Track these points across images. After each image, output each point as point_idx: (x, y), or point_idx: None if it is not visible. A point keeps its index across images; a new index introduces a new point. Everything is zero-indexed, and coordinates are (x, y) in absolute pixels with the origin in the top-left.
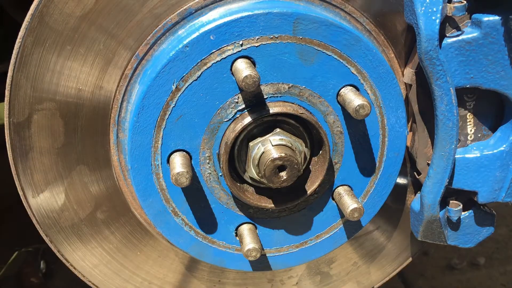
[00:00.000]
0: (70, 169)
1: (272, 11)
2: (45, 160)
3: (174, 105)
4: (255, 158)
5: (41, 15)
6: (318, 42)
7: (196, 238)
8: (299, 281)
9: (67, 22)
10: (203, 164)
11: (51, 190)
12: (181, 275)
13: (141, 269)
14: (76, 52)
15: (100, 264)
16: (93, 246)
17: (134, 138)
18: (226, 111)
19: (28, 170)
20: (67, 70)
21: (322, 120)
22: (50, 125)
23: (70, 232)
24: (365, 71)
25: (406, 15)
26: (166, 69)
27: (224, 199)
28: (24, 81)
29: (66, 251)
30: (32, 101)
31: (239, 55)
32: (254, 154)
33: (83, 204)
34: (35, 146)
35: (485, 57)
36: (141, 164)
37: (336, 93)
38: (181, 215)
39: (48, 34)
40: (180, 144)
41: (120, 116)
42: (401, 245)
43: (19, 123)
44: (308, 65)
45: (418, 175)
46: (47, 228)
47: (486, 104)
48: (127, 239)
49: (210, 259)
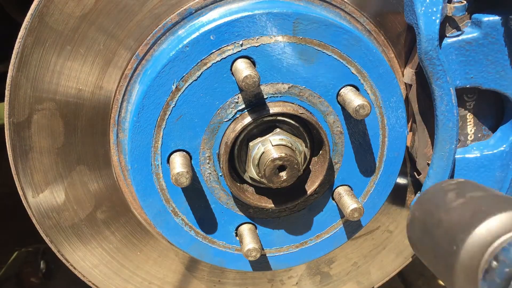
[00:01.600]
0: (70, 169)
1: (272, 11)
2: (45, 160)
3: (174, 105)
4: (255, 158)
5: (41, 15)
6: (318, 42)
7: (196, 238)
8: (299, 281)
9: (67, 22)
10: (203, 164)
11: (51, 190)
12: (181, 275)
13: (141, 269)
14: (76, 52)
15: (100, 264)
16: (93, 246)
17: (134, 138)
18: (226, 111)
19: (28, 170)
20: (67, 70)
21: (322, 120)
22: (50, 125)
23: (70, 232)
24: (365, 71)
25: (406, 15)
26: (166, 69)
27: (224, 199)
28: (24, 81)
29: (66, 251)
30: (32, 101)
31: (239, 55)
32: (254, 154)
33: (83, 204)
34: (35, 146)
35: (485, 57)
36: (141, 164)
37: (336, 93)
38: (181, 215)
39: (48, 34)
40: (180, 144)
41: (120, 116)
42: (401, 245)
43: (19, 123)
44: (308, 65)
45: (418, 175)
46: (47, 228)
47: (486, 104)
48: (127, 239)
49: (210, 259)
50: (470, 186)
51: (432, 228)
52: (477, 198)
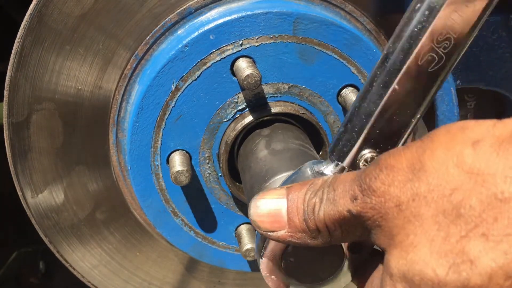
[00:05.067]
0: (69, 169)
1: (272, 11)
2: (44, 160)
3: (174, 105)
4: None
5: (40, 15)
6: (318, 42)
7: (196, 239)
8: None
9: (66, 21)
10: (202, 164)
11: (50, 190)
12: (181, 275)
13: (141, 269)
14: (75, 51)
15: (99, 264)
16: (93, 247)
17: (133, 138)
18: (226, 111)
19: (27, 170)
20: (66, 70)
21: (323, 120)
22: (49, 125)
23: (69, 232)
24: (366, 71)
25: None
26: (165, 69)
27: (224, 199)
28: (23, 81)
29: (65, 251)
30: (31, 101)
31: (238, 54)
32: None
33: (82, 204)
34: (34, 146)
35: (487, 57)
36: (140, 164)
37: (337, 93)
38: (181, 216)
39: (47, 34)
40: (180, 144)
41: (119, 116)
42: None
43: (18, 123)
44: (308, 64)
45: None
46: (46, 228)
47: (486, 104)
48: (126, 240)
49: (209, 259)
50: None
51: (245, 170)
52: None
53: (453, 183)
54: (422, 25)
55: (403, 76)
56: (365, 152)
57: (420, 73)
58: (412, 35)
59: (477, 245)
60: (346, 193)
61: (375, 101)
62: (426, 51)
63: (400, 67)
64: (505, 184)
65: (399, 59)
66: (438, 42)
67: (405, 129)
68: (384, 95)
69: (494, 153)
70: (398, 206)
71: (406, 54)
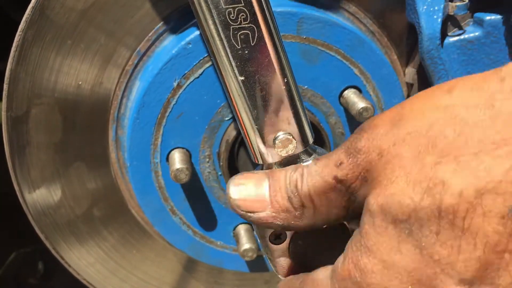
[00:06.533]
0: (68, 165)
1: (276, 10)
2: (42, 155)
3: (175, 102)
4: None
5: (42, 8)
6: (322, 42)
7: (194, 238)
8: None
9: (68, 16)
10: (202, 163)
11: (48, 186)
12: (179, 275)
13: (138, 269)
14: (76, 47)
15: (96, 262)
16: (90, 245)
17: (133, 135)
18: (227, 110)
19: (25, 166)
20: (67, 65)
21: (324, 120)
22: (48, 120)
23: (66, 229)
24: (368, 73)
25: (408, 14)
26: (168, 66)
27: (223, 199)
28: (23, 75)
29: (61, 248)
30: (31, 96)
31: None
32: None
33: (80, 201)
34: (32, 141)
35: (487, 56)
36: (140, 162)
37: (339, 94)
38: (179, 214)
39: (49, 28)
40: (180, 142)
41: (119, 112)
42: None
43: (17, 117)
44: (311, 65)
45: None
46: (43, 225)
47: None
48: (124, 239)
49: (207, 259)
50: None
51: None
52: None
53: (430, 121)
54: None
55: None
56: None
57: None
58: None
59: (449, 168)
60: (330, 161)
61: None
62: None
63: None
64: (477, 110)
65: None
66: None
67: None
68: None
69: (468, 91)
70: (380, 154)
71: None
